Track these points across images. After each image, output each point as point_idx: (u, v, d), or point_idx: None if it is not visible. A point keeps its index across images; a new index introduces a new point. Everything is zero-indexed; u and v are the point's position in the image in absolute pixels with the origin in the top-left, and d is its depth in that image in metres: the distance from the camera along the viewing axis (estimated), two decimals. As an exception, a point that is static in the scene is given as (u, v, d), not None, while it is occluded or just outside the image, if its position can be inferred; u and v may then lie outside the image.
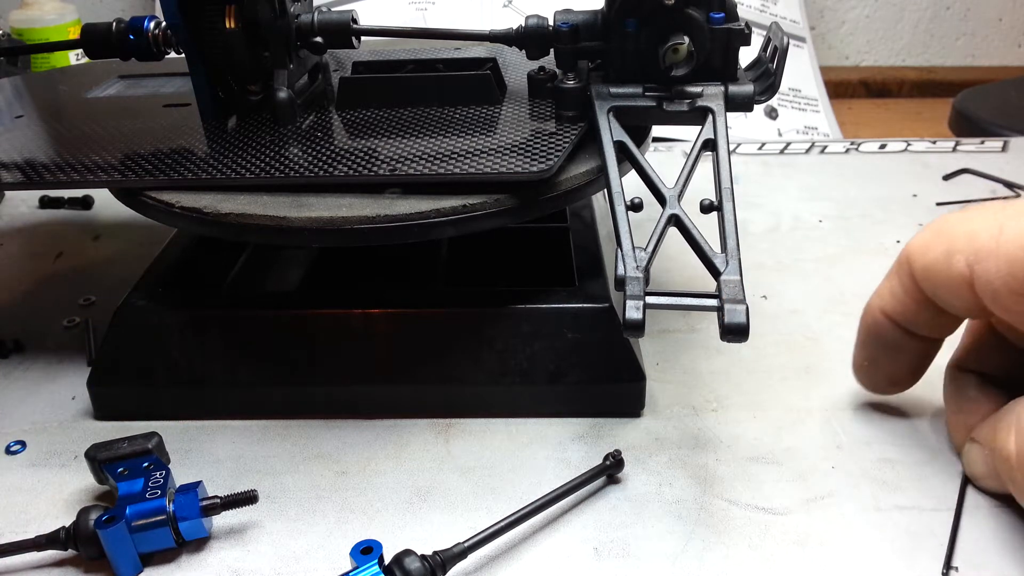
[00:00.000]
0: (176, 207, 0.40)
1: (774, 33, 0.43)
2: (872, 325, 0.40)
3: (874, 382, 0.42)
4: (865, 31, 1.16)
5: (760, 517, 0.36)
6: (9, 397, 0.46)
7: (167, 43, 0.47)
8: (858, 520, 0.36)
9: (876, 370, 0.41)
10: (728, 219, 0.37)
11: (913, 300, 0.37)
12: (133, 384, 0.43)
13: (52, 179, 0.43)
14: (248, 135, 0.45)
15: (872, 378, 0.42)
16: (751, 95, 0.42)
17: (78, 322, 0.52)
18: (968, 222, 0.34)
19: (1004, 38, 1.17)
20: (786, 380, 0.45)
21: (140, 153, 0.44)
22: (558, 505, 0.36)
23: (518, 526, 0.35)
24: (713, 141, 0.40)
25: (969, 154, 0.74)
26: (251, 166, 0.41)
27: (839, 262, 0.57)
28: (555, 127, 0.44)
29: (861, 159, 0.74)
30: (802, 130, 0.94)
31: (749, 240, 0.60)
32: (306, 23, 0.46)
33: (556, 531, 0.36)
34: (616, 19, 0.42)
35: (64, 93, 0.58)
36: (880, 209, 0.64)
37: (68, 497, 0.39)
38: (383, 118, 0.46)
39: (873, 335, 0.40)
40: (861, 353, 0.41)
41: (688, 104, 0.42)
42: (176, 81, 0.56)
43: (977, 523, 0.36)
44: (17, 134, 0.49)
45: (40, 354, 0.50)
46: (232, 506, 0.35)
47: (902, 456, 0.40)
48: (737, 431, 0.41)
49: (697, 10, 0.41)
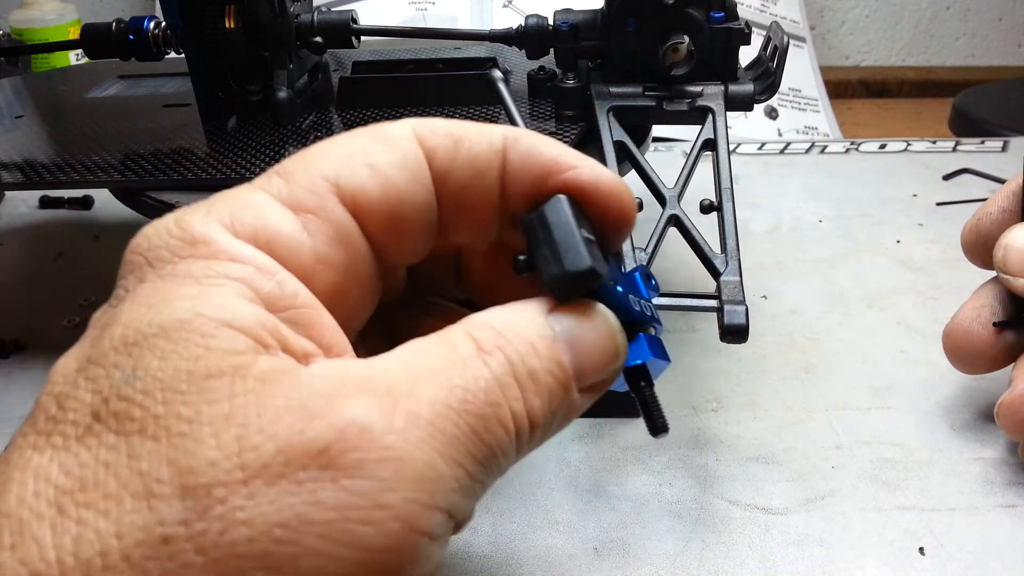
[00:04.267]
0: (176, 207, 0.40)
1: (774, 32, 0.43)
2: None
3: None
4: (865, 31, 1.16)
5: (760, 517, 0.36)
6: (9, 397, 0.46)
7: (167, 43, 0.47)
8: (858, 520, 0.36)
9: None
10: (728, 219, 0.37)
11: None
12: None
13: (52, 179, 0.43)
14: (248, 135, 0.45)
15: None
16: (751, 94, 0.42)
17: (78, 322, 0.52)
18: None
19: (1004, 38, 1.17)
20: (786, 380, 0.45)
21: (140, 153, 0.44)
22: (558, 505, 0.36)
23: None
24: (713, 141, 0.40)
25: (969, 154, 0.74)
26: (251, 166, 0.41)
27: (839, 262, 0.57)
28: (555, 126, 0.44)
29: (861, 159, 0.74)
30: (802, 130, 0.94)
31: (749, 240, 0.60)
32: (306, 23, 0.46)
33: (556, 531, 0.36)
34: (616, 18, 0.42)
35: (64, 93, 0.58)
36: (880, 209, 0.64)
37: (68, 497, 0.39)
38: (383, 118, 0.46)
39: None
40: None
41: (688, 103, 0.42)
42: (176, 81, 0.56)
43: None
44: (17, 134, 0.49)
45: (40, 354, 0.50)
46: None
47: (902, 456, 0.40)
48: (737, 431, 0.41)
49: (697, 9, 0.41)
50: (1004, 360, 0.39)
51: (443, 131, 0.23)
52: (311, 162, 0.23)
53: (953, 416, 0.42)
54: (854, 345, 0.48)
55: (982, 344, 0.39)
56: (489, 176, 0.23)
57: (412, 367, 0.20)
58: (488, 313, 0.22)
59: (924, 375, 0.45)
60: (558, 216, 0.22)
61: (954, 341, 0.40)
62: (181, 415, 0.18)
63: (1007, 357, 0.39)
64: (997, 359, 0.39)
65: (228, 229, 0.21)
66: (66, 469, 0.18)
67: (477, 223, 0.24)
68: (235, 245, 0.21)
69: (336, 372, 0.19)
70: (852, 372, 0.46)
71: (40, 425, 0.19)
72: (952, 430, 0.41)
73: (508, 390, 0.20)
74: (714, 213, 0.38)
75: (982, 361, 0.39)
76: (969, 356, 0.39)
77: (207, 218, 0.21)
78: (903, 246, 0.59)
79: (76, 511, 0.18)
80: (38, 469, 0.18)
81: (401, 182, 0.22)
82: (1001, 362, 0.39)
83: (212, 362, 0.18)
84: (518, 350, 0.21)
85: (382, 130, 0.23)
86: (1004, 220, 0.39)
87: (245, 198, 0.22)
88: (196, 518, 0.17)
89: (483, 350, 0.21)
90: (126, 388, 0.18)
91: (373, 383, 0.19)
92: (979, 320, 0.39)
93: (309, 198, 0.22)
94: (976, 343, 0.39)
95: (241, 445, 0.18)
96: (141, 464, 0.18)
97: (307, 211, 0.22)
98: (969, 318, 0.39)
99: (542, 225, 0.22)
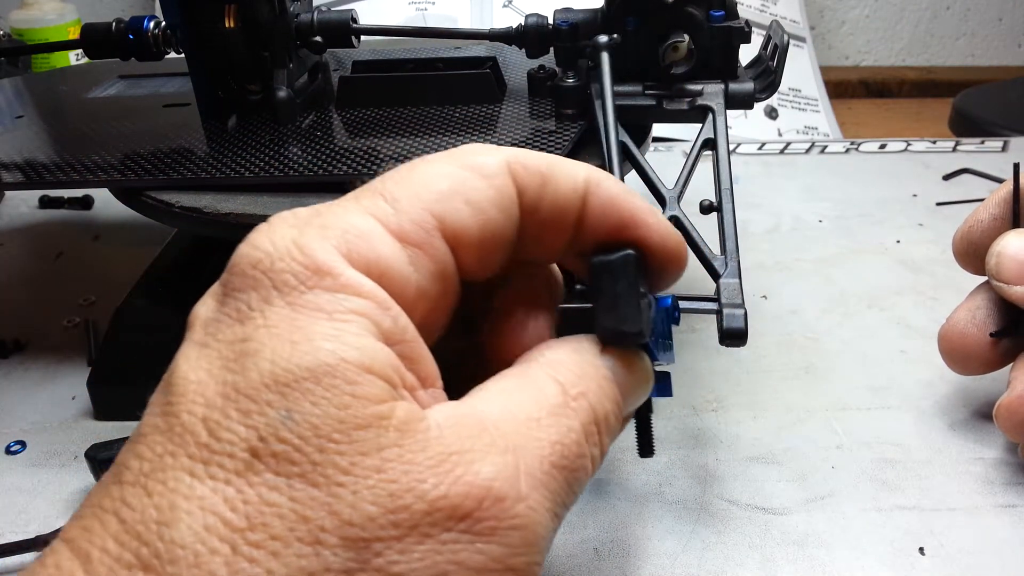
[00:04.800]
0: (176, 207, 0.40)
1: (774, 31, 0.43)
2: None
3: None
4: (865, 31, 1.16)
5: (760, 517, 0.36)
6: (9, 397, 0.46)
7: (167, 43, 0.47)
8: (858, 520, 0.36)
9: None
10: (728, 220, 0.37)
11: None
12: (133, 384, 0.43)
13: (52, 179, 0.43)
14: (248, 134, 0.45)
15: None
16: (751, 93, 0.42)
17: (78, 322, 0.52)
18: None
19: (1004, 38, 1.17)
20: (786, 380, 0.45)
21: (140, 153, 0.44)
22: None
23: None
24: (713, 140, 0.40)
25: (969, 154, 0.74)
26: (251, 165, 0.41)
27: (839, 262, 0.57)
28: (555, 125, 0.44)
29: (861, 159, 0.74)
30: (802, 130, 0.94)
31: (749, 240, 0.60)
32: (305, 22, 0.46)
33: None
34: (616, 17, 0.42)
35: (64, 93, 0.58)
36: (880, 209, 0.64)
37: (68, 497, 0.39)
38: (383, 117, 0.46)
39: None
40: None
41: (688, 102, 0.42)
42: (176, 81, 0.56)
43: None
44: (17, 134, 0.49)
45: (40, 354, 0.49)
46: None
47: (902, 456, 0.39)
48: (737, 431, 0.41)
49: (697, 8, 0.41)
50: (1000, 362, 0.39)
51: (534, 168, 0.25)
52: (417, 191, 0.23)
53: (953, 416, 0.42)
54: (854, 345, 0.48)
55: (977, 346, 0.39)
56: (568, 217, 0.25)
57: (514, 415, 0.22)
58: (558, 352, 0.25)
59: (924, 375, 0.45)
60: (625, 275, 0.25)
61: (949, 343, 0.40)
62: (338, 465, 0.19)
63: (1003, 359, 0.39)
64: (993, 361, 0.39)
65: (345, 257, 0.22)
66: (232, 505, 0.19)
67: (546, 251, 0.26)
68: (356, 278, 0.21)
69: (458, 422, 0.21)
70: (852, 372, 0.46)
71: (192, 449, 0.20)
72: (952, 430, 0.41)
73: (590, 438, 0.24)
74: (714, 214, 0.38)
75: (977, 363, 0.39)
76: (964, 358, 0.39)
77: (324, 243, 0.22)
78: (903, 246, 0.59)
79: (247, 550, 0.19)
80: (203, 501, 0.19)
81: (496, 220, 0.24)
82: (997, 364, 0.39)
83: (359, 411, 0.20)
84: (596, 396, 0.24)
85: (479, 162, 0.24)
86: (995, 227, 0.39)
87: (357, 224, 0.22)
88: (358, 568, 0.19)
89: (569, 396, 0.23)
90: (283, 430, 0.20)
91: (493, 438, 0.21)
92: (974, 322, 0.39)
93: (416, 232, 0.23)
94: (971, 345, 0.39)
95: (394, 503, 0.19)
96: (306, 510, 0.19)
97: (414, 245, 0.23)
98: (964, 320, 0.39)
99: (609, 275, 0.25)
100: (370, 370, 0.20)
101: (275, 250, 0.22)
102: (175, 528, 0.19)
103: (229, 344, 0.21)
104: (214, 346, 0.21)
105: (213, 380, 0.20)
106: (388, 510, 0.19)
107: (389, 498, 0.19)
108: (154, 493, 0.19)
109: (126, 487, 0.20)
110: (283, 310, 0.21)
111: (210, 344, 0.21)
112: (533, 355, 0.25)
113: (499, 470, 0.21)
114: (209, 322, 0.22)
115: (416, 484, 0.20)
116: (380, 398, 0.20)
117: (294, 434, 0.19)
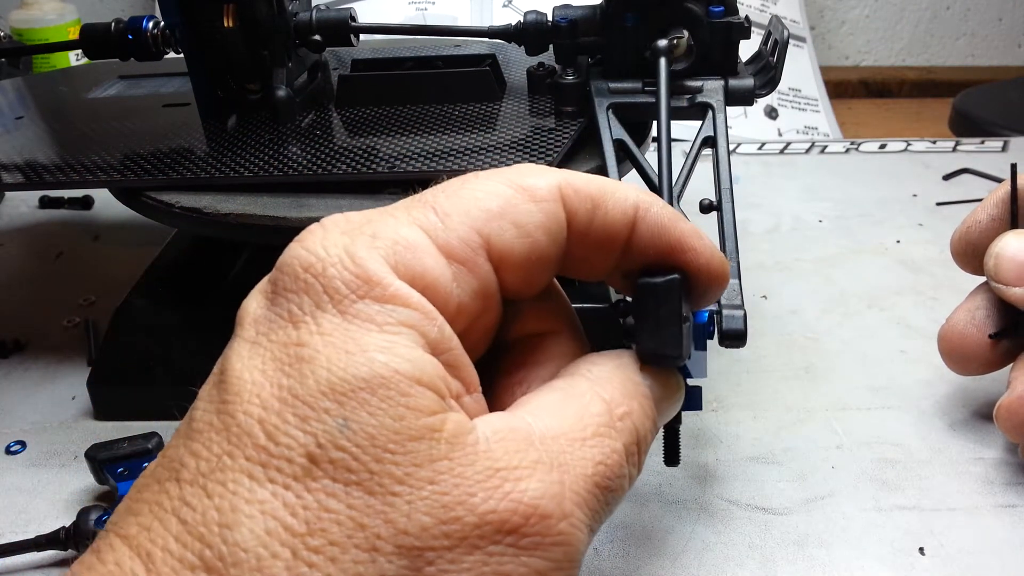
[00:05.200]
0: (176, 207, 0.40)
1: (774, 27, 0.43)
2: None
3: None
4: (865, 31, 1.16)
5: (760, 517, 0.36)
6: (9, 397, 0.46)
7: (166, 43, 0.47)
8: (858, 520, 0.36)
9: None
10: (728, 220, 0.37)
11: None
12: (133, 384, 0.43)
13: (52, 179, 0.43)
14: (248, 134, 0.45)
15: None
16: (751, 89, 0.42)
17: (78, 322, 0.52)
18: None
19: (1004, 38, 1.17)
20: (786, 380, 0.45)
21: (140, 153, 0.44)
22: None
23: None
24: (713, 138, 0.40)
25: (969, 154, 0.74)
26: (251, 165, 0.41)
27: (839, 262, 0.57)
28: (555, 123, 0.44)
29: (861, 159, 0.74)
30: (802, 130, 0.94)
31: (749, 240, 0.60)
32: (304, 21, 0.46)
33: (556, 531, 0.36)
34: (615, 13, 0.42)
35: (64, 94, 0.58)
36: (880, 209, 0.64)
37: (68, 497, 0.39)
38: (382, 116, 0.46)
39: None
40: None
41: (688, 99, 0.42)
42: (176, 81, 0.56)
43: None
44: (18, 135, 0.49)
45: (40, 354, 0.49)
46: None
47: (902, 456, 0.39)
48: (737, 431, 0.41)
49: (696, 4, 0.41)
50: (999, 362, 0.39)
51: (585, 193, 0.25)
52: (467, 208, 0.24)
53: (953, 416, 0.42)
54: (854, 345, 0.48)
55: (976, 346, 0.39)
56: (617, 242, 0.26)
57: (561, 431, 0.23)
58: (602, 368, 0.26)
59: (924, 375, 0.45)
60: (669, 299, 0.26)
61: (949, 344, 0.40)
62: (393, 475, 0.20)
63: (1002, 359, 0.39)
64: (992, 361, 0.39)
65: (393, 269, 0.22)
66: (292, 510, 0.20)
67: (590, 271, 0.27)
68: (403, 290, 0.22)
69: (505, 436, 0.22)
70: (852, 372, 0.46)
71: (250, 452, 0.20)
72: (952, 430, 0.41)
73: (631, 458, 0.24)
74: (713, 213, 0.38)
75: (977, 363, 0.39)
76: (964, 359, 0.39)
77: (374, 253, 0.22)
78: (903, 246, 0.59)
79: (307, 555, 0.19)
80: (264, 505, 0.20)
81: (543, 244, 0.25)
82: (996, 364, 0.39)
83: (412, 422, 0.21)
84: (638, 416, 0.25)
85: (530, 184, 0.25)
86: (993, 228, 0.39)
87: (406, 236, 0.23)
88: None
89: (614, 416, 0.24)
90: (341, 438, 0.20)
91: (540, 455, 0.22)
92: (973, 322, 0.39)
93: (462, 249, 0.23)
94: (970, 345, 0.39)
95: (446, 514, 0.20)
96: (363, 518, 0.20)
97: (459, 262, 0.23)
98: (963, 321, 0.39)
99: (654, 298, 0.26)
100: (420, 381, 0.21)
101: (327, 256, 0.22)
102: (237, 531, 0.19)
103: (283, 346, 0.21)
104: (267, 346, 0.22)
105: (268, 382, 0.21)
106: (440, 521, 0.20)
107: (442, 509, 0.20)
108: (214, 495, 0.20)
109: (184, 486, 0.20)
110: (335, 318, 0.21)
111: (262, 343, 0.22)
112: (579, 369, 0.26)
113: (546, 488, 0.22)
114: (260, 320, 0.22)
115: (467, 497, 0.20)
116: (431, 409, 0.21)
117: (351, 442, 0.20)
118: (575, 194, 0.25)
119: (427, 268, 0.23)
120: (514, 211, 0.24)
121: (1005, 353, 0.39)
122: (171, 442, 0.22)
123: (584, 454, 0.23)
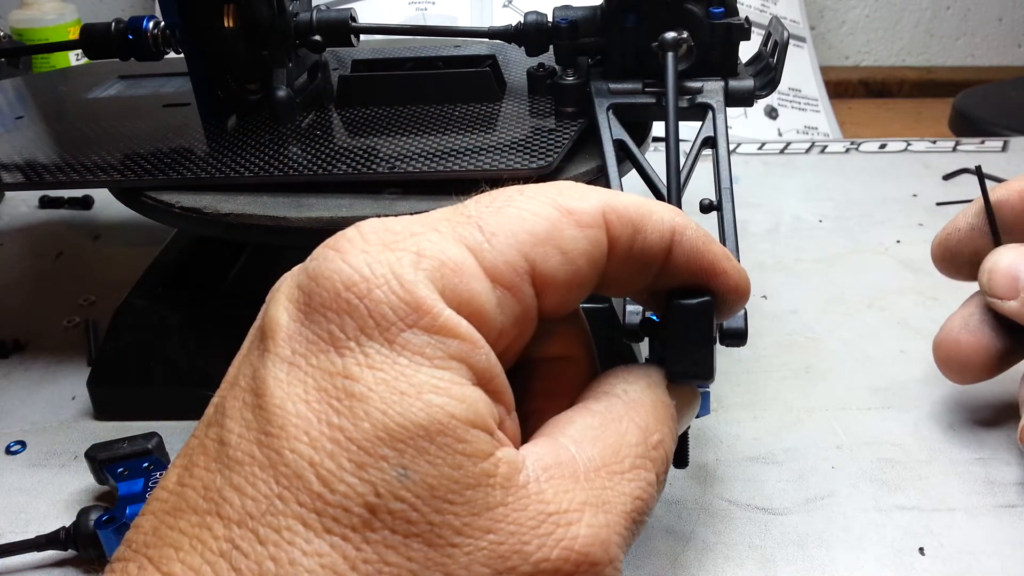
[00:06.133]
0: (176, 207, 0.40)
1: (774, 27, 0.43)
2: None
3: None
4: (865, 31, 1.16)
5: (760, 517, 0.36)
6: (9, 397, 0.46)
7: (166, 43, 0.47)
8: (858, 520, 0.36)
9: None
10: (728, 220, 0.37)
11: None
12: (133, 384, 0.43)
13: (52, 179, 0.43)
14: (248, 134, 0.45)
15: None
16: (751, 90, 0.42)
17: (78, 322, 0.52)
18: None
19: (1004, 38, 1.17)
20: (786, 380, 0.45)
21: (140, 153, 0.44)
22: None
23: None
24: (713, 139, 0.40)
25: (969, 154, 0.74)
26: (251, 165, 0.41)
27: (839, 262, 0.57)
28: (555, 123, 0.44)
29: (861, 159, 0.74)
30: (802, 130, 0.94)
31: (749, 240, 0.60)
32: (304, 21, 0.46)
33: (556, 531, 0.36)
34: (615, 14, 0.42)
35: (64, 94, 0.58)
36: (880, 209, 0.64)
37: (68, 497, 0.39)
38: (383, 116, 0.46)
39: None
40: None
41: (688, 100, 0.42)
42: (176, 81, 0.56)
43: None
44: (18, 135, 0.49)
45: (40, 354, 0.49)
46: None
47: (902, 456, 0.39)
48: (737, 431, 0.41)
49: (696, 5, 0.41)
50: (995, 369, 0.39)
51: (626, 218, 0.25)
52: (513, 229, 0.23)
53: (953, 416, 0.42)
54: (854, 345, 0.48)
55: (972, 353, 0.38)
56: (653, 266, 0.26)
57: (604, 463, 0.23)
58: (635, 388, 0.26)
59: (924, 375, 0.45)
60: (701, 322, 0.27)
61: (944, 351, 0.39)
62: (452, 525, 0.20)
63: (998, 366, 0.39)
64: (989, 368, 0.39)
65: (440, 294, 0.22)
66: (352, 563, 0.19)
67: (620, 290, 0.27)
68: (452, 320, 0.22)
69: (553, 475, 0.22)
70: (852, 372, 0.46)
71: (303, 497, 0.20)
72: (952, 430, 0.41)
73: (661, 486, 0.25)
74: (714, 213, 0.38)
75: (973, 370, 0.39)
76: (960, 366, 0.39)
77: (420, 274, 0.22)
78: (903, 246, 0.59)
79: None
80: (323, 559, 0.19)
81: (585, 271, 0.24)
82: (994, 371, 0.39)
83: (470, 469, 0.21)
84: (669, 442, 0.26)
85: (575, 208, 0.24)
86: (972, 236, 0.39)
87: (453, 257, 0.22)
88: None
89: (649, 445, 0.25)
90: (400, 489, 0.20)
91: (587, 495, 0.22)
92: (967, 329, 0.39)
93: (508, 274, 0.23)
94: (966, 352, 0.39)
95: (503, 564, 0.20)
96: (423, 571, 0.20)
97: (504, 287, 0.23)
98: (957, 327, 0.39)
99: (685, 320, 0.27)
100: (475, 424, 0.21)
101: (372, 276, 0.21)
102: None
103: (327, 375, 0.21)
104: (308, 371, 0.21)
105: (316, 417, 0.20)
106: (498, 571, 0.20)
107: (499, 560, 0.20)
108: (267, 541, 0.19)
109: (232, 527, 0.20)
110: (384, 348, 0.21)
111: (301, 366, 0.21)
112: (615, 388, 0.26)
113: (595, 534, 0.22)
114: (295, 337, 0.21)
115: (522, 546, 0.21)
116: (486, 452, 0.21)
117: (412, 493, 0.20)
118: (618, 220, 0.25)
119: (474, 294, 0.22)
120: (560, 237, 0.24)
121: (1001, 358, 0.38)
122: (197, 460, 0.21)
123: (623, 488, 0.23)
